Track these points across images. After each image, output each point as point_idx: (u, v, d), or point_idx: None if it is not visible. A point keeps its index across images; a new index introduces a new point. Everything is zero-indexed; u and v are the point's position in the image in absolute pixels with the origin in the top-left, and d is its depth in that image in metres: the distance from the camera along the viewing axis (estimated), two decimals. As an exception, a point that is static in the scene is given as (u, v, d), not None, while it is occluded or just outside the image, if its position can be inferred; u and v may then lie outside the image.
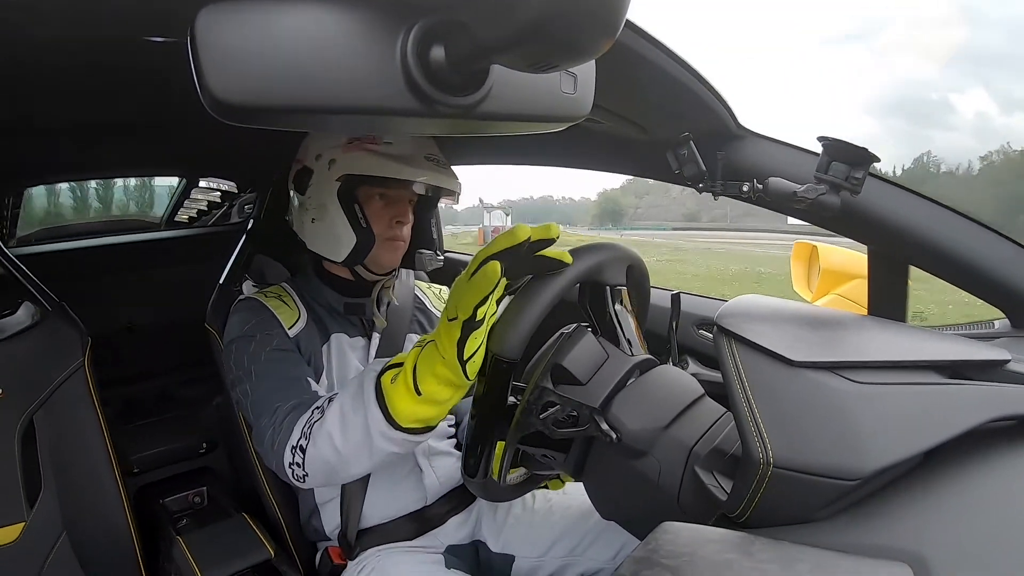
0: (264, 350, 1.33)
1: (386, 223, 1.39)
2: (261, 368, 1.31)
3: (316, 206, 1.38)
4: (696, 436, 0.91)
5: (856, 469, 0.68)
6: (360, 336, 1.49)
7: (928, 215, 1.16)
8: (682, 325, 1.61)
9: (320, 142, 1.40)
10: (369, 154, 1.31)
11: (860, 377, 0.74)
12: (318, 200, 1.38)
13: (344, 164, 1.33)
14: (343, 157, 1.33)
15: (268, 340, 1.35)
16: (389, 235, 1.39)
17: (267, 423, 1.23)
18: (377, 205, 1.38)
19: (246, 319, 1.39)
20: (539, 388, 0.96)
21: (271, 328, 1.38)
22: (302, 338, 1.41)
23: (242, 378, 1.32)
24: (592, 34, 0.45)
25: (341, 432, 1.10)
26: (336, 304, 1.48)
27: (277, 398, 1.25)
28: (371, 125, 0.58)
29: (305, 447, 1.14)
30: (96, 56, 0.91)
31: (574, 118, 0.69)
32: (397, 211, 1.40)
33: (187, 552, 1.62)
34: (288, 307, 1.43)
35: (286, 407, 1.22)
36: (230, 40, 0.49)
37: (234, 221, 2.85)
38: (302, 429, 1.15)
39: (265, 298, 1.44)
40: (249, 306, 1.42)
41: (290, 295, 1.47)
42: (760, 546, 0.64)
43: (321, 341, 1.44)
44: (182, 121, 1.51)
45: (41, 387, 1.52)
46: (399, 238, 1.41)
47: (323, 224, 1.38)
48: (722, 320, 0.84)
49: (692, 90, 1.08)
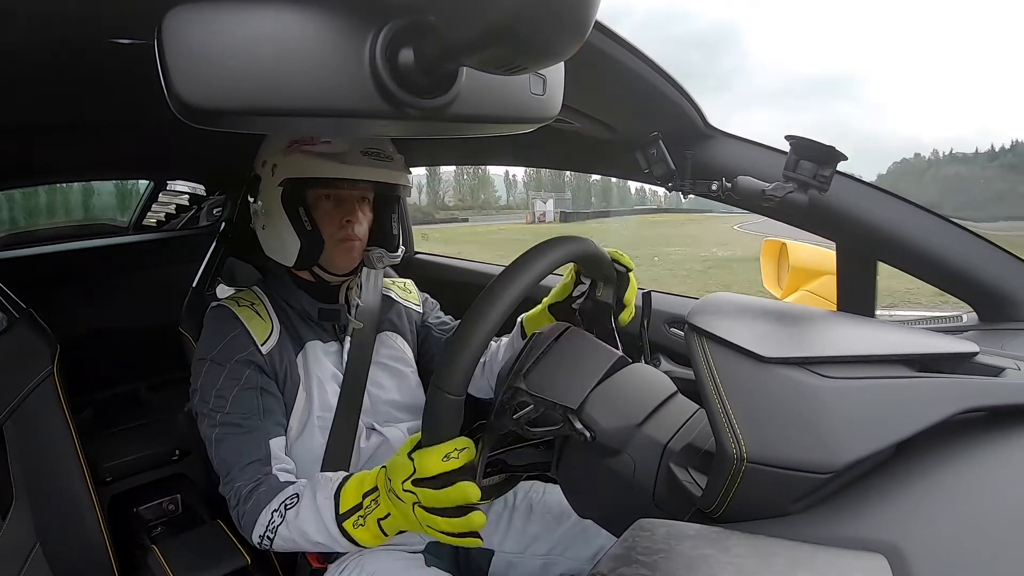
0: (232, 390, 1.33)
1: (336, 224, 1.38)
2: (226, 416, 1.31)
3: (265, 212, 1.39)
4: (670, 433, 0.91)
5: (829, 463, 0.69)
6: (333, 341, 1.49)
7: (895, 211, 1.18)
8: (653, 323, 1.62)
9: (266, 148, 1.40)
10: (305, 156, 1.31)
11: (830, 372, 0.75)
12: (266, 206, 1.38)
13: (283, 168, 1.33)
14: (283, 161, 1.33)
15: (238, 373, 1.34)
16: (340, 236, 1.39)
17: (230, 491, 1.28)
18: (326, 206, 1.38)
19: (219, 333, 1.38)
20: (512, 388, 0.96)
21: (243, 349, 1.36)
22: (275, 353, 1.40)
23: (205, 411, 1.34)
24: (561, 36, 0.45)
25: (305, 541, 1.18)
26: (310, 309, 1.46)
27: (236, 465, 1.28)
28: (340, 127, 0.58)
29: (272, 538, 1.21)
30: (63, 58, 0.90)
31: (543, 119, 0.69)
32: (345, 210, 1.39)
33: (162, 560, 1.60)
34: (261, 319, 1.42)
35: (247, 487, 1.26)
36: (197, 42, 0.48)
37: (203, 224, 2.83)
38: (266, 526, 1.21)
39: (238, 307, 1.42)
40: (222, 316, 1.41)
41: (262, 303, 1.45)
42: (736, 540, 0.65)
43: (295, 350, 1.43)
44: (150, 123, 1.50)
45: (9, 396, 1.50)
46: (351, 238, 1.40)
47: (272, 230, 1.38)
48: (693, 318, 0.84)
49: (660, 90, 1.09)
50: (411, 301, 1.70)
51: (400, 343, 1.61)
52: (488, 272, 2.29)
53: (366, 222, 1.44)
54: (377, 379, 1.52)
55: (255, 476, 1.26)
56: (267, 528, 1.20)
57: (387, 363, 1.55)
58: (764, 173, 1.09)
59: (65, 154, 1.87)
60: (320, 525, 1.13)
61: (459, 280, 2.34)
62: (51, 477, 1.54)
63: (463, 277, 2.38)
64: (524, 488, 1.52)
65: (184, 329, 1.61)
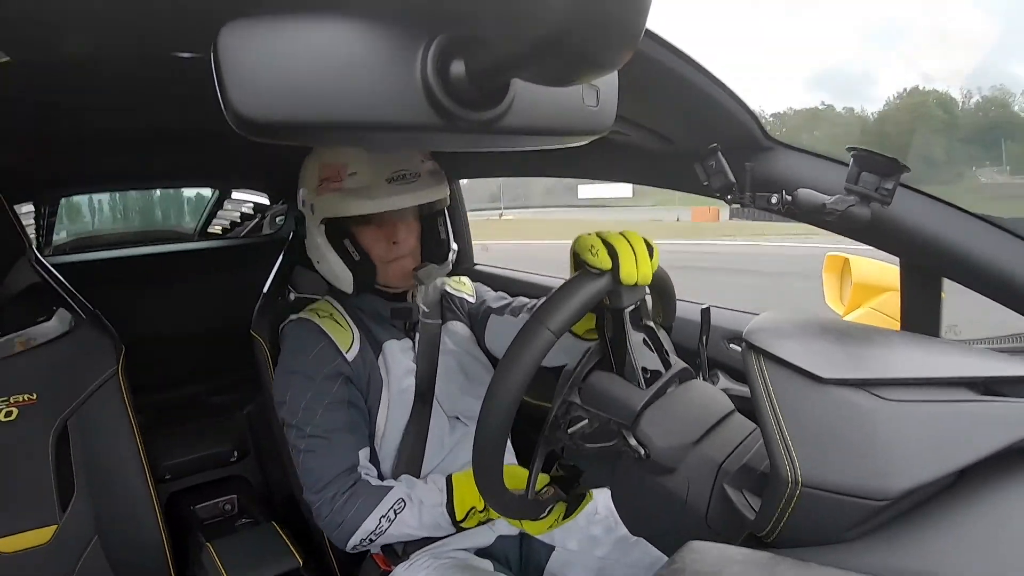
0: (321, 404, 1.38)
1: (384, 246, 1.43)
2: (315, 429, 1.36)
3: (314, 247, 1.44)
4: (725, 453, 0.89)
5: (885, 489, 0.66)
6: (407, 338, 1.53)
7: (961, 226, 1.13)
8: (712, 339, 1.59)
9: (303, 186, 1.45)
10: (335, 194, 1.36)
11: (890, 394, 0.72)
12: (313, 242, 1.43)
13: (320, 208, 1.38)
14: (318, 201, 1.38)
15: (327, 388, 1.39)
16: (389, 257, 1.43)
17: (320, 500, 1.34)
18: (370, 231, 1.42)
19: (306, 348, 1.43)
20: (567, 403, 0.96)
21: (329, 361, 1.41)
22: (358, 359, 1.45)
23: (293, 423, 1.39)
24: (611, 46, 0.45)
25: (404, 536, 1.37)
26: (383, 311, 1.51)
27: (325, 476, 1.35)
28: (392, 141, 0.58)
29: (375, 540, 1.33)
30: (128, 71, 0.93)
31: (597, 131, 0.68)
32: (388, 232, 1.42)
33: (216, 558, 1.64)
34: (342, 328, 1.47)
35: (341, 496, 1.33)
36: (252, 57, 0.49)
37: (266, 232, 2.89)
38: (375, 530, 1.32)
39: (319, 318, 1.47)
40: (306, 329, 1.46)
41: (339, 311, 1.50)
42: (786, 567, 0.63)
43: (376, 353, 1.48)
44: (215, 133, 1.53)
45: (75, 393, 1.56)
46: (401, 256, 1.45)
47: (325, 264, 1.43)
48: (750, 336, 0.82)
49: (717, 100, 1.07)
50: (464, 292, 1.74)
51: (461, 327, 1.64)
52: (548, 285, 2.28)
53: (413, 236, 1.47)
54: (449, 368, 1.55)
55: (347, 484, 1.33)
56: (375, 532, 1.31)
57: (456, 351, 1.59)
58: (825, 186, 1.07)
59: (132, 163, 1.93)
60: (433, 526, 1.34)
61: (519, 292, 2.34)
62: (111, 473, 1.58)
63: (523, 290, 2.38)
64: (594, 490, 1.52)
65: (255, 332, 1.64)
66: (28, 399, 1.52)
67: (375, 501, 1.30)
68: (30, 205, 2.34)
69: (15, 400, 1.50)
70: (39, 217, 2.45)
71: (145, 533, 1.61)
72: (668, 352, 1.05)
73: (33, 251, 1.63)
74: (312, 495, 1.34)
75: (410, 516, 1.31)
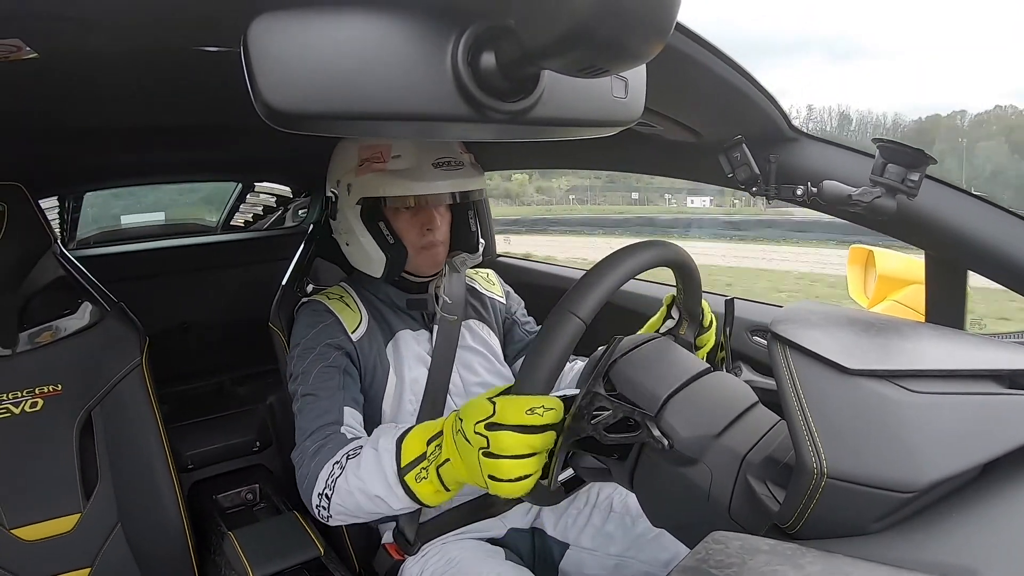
0: (316, 367, 1.36)
1: (417, 232, 1.42)
2: (307, 388, 1.35)
3: (346, 230, 1.43)
4: (749, 444, 0.89)
5: (911, 481, 0.66)
6: (423, 329, 1.53)
7: (987, 218, 1.12)
8: (736, 331, 1.59)
9: (337, 168, 1.45)
10: (377, 174, 1.34)
11: (916, 386, 0.72)
12: (346, 225, 1.42)
13: (358, 188, 1.37)
14: (356, 181, 1.37)
15: (325, 355, 1.38)
16: (423, 243, 1.43)
17: (298, 455, 1.29)
18: (405, 216, 1.41)
19: (312, 324, 1.43)
20: (591, 393, 0.96)
21: (334, 335, 1.41)
22: (364, 341, 1.44)
23: (293, 390, 1.38)
24: (641, 37, 0.45)
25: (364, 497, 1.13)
26: (399, 300, 1.51)
27: (309, 430, 1.30)
28: (423, 131, 0.58)
29: (331, 496, 1.18)
30: (152, 65, 0.93)
31: (625, 122, 0.68)
32: (424, 219, 1.42)
33: (238, 547, 1.65)
34: (351, 309, 1.47)
35: (313, 447, 1.26)
36: (282, 49, 0.49)
37: (289, 225, 2.90)
38: (326, 481, 1.20)
39: (328, 300, 1.47)
40: (314, 309, 1.47)
41: (351, 296, 1.51)
42: (811, 558, 0.63)
43: (385, 340, 1.47)
44: (238, 127, 1.55)
45: (99, 384, 1.58)
46: (434, 243, 1.44)
47: (356, 246, 1.43)
48: (777, 327, 0.82)
49: (743, 92, 1.07)
50: (495, 293, 1.72)
51: (486, 331, 1.63)
52: (570, 276, 2.29)
53: (445, 225, 1.47)
54: (467, 362, 1.55)
55: (323, 436, 1.28)
56: (326, 484, 1.19)
57: (476, 347, 1.58)
58: (850, 177, 1.06)
59: (155, 156, 1.95)
60: (380, 475, 1.10)
61: (542, 283, 2.34)
62: (135, 461, 1.61)
63: (545, 280, 2.38)
64: (607, 488, 1.52)
65: (274, 325, 1.65)
66: (53, 390, 1.54)
67: (337, 449, 1.23)
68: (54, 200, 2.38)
69: (40, 391, 1.53)
70: (63, 211, 2.49)
71: (167, 522, 1.63)
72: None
73: (58, 245, 1.65)
74: (294, 452, 1.31)
75: (361, 463, 1.15)
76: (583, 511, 1.50)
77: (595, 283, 0.93)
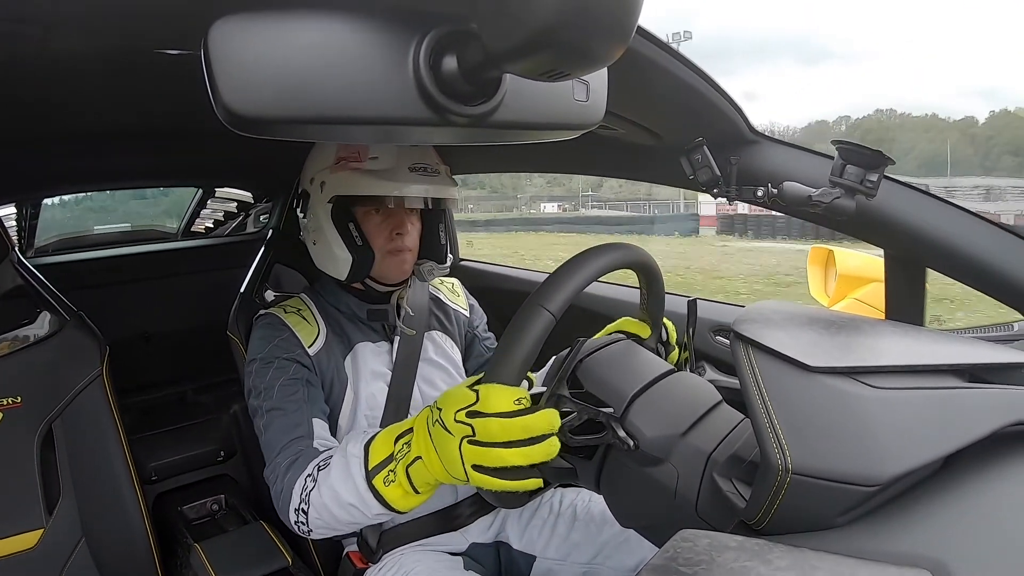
0: (278, 382, 1.34)
1: (386, 236, 1.40)
2: (272, 403, 1.32)
3: (315, 228, 1.41)
4: (714, 443, 0.90)
5: (875, 475, 0.67)
6: (384, 340, 1.50)
7: (944, 217, 1.15)
8: (699, 331, 1.61)
9: (313, 164, 1.43)
10: (353, 173, 1.33)
11: (878, 382, 0.73)
12: (315, 223, 1.40)
13: (332, 185, 1.35)
14: (331, 178, 1.36)
15: (285, 368, 1.36)
16: (390, 248, 1.41)
17: (271, 472, 1.26)
18: (375, 220, 1.40)
19: (267, 337, 1.40)
20: (556, 395, 0.96)
21: (290, 350, 1.38)
22: (322, 355, 1.41)
23: (255, 405, 1.35)
24: (604, 42, 0.45)
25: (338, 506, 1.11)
26: (359, 311, 1.48)
27: (279, 446, 1.27)
28: (384, 135, 0.58)
29: (307, 511, 1.16)
30: (112, 68, 0.92)
31: (587, 125, 0.69)
32: (394, 223, 1.40)
33: (205, 559, 1.63)
34: (307, 323, 1.44)
35: (285, 462, 1.23)
36: (243, 52, 0.49)
37: (250, 231, 2.88)
38: (300, 495, 1.16)
39: (285, 314, 1.44)
40: (269, 323, 1.43)
41: (309, 308, 1.48)
42: (778, 553, 0.64)
43: (343, 353, 1.45)
44: (198, 132, 1.53)
45: (60, 395, 1.55)
46: (402, 249, 1.42)
47: (323, 245, 1.40)
48: (739, 326, 0.83)
49: (704, 95, 1.08)
50: (459, 305, 1.71)
51: (449, 344, 1.61)
52: (533, 280, 2.29)
53: (415, 232, 1.46)
54: (429, 376, 1.53)
55: (296, 449, 1.25)
56: (301, 498, 1.16)
57: (438, 360, 1.56)
58: (810, 178, 1.08)
59: (115, 161, 1.91)
60: (350, 483, 1.07)
61: (504, 287, 2.33)
62: (98, 474, 1.57)
63: (508, 284, 2.38)
64: (569, 494, 1.52)
65: (232, 333, 1.63)
66: (12, 402, 1.51)
67: (309, 461, 1.20)
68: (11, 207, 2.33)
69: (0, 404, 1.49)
70: (20, 218, 2.44)
71: (132, 535, 1.59)
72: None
73: (16, 253, 1.62)
74: (266, 470, 1.28)
75: (331, 472, 1.12)
76: (548, 520, 1.49)
77: (565, 280, 0.94)
